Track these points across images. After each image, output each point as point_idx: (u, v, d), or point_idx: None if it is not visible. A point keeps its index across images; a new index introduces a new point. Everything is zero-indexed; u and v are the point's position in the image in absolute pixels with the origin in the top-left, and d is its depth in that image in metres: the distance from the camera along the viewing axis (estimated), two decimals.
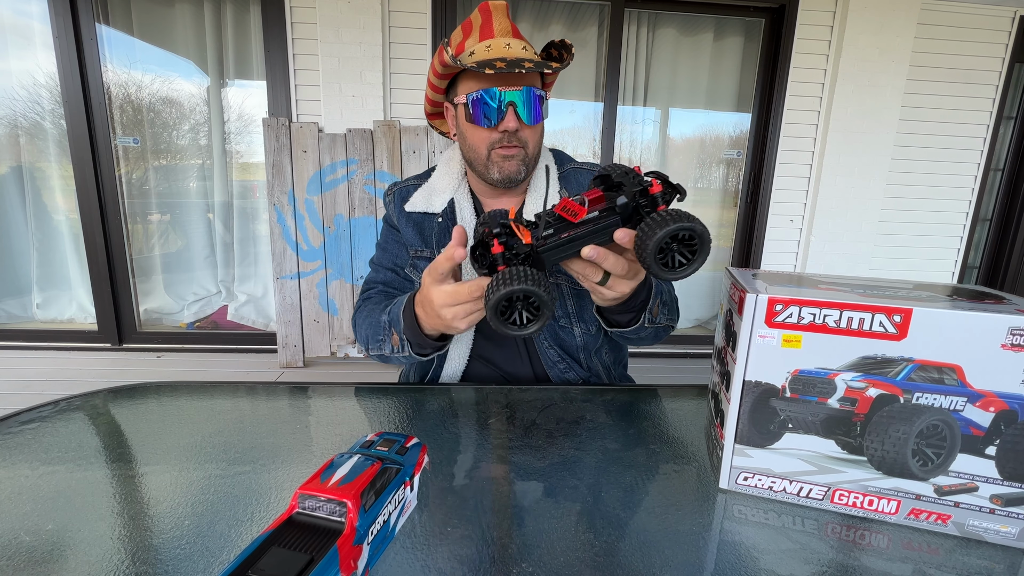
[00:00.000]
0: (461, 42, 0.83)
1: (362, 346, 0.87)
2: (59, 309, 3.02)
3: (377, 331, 0.81)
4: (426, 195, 0.93)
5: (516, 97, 0.78)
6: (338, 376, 2.71)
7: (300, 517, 0.39)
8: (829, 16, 2.78)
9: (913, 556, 0.46)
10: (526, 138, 0.83)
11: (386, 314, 0.80)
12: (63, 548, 0.43)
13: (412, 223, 0.93)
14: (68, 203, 2.87)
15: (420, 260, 0.93)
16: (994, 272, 3.33)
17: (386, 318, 0.80)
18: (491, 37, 0.80)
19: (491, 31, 0.81)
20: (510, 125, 0.79)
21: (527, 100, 0.79)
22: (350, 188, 2.64)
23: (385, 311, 0.81)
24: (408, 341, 0.76)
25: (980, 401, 0.45)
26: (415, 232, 0.93)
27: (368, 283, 0.97)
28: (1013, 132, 3.15)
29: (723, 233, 3.25)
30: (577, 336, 0.90)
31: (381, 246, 0.99)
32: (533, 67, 0.75)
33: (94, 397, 0.72)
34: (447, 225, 0.90)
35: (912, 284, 0.57)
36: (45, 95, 2.73)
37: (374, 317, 0.84)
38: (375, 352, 0.83)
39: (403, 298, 0.77)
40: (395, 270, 0.96)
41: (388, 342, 0.80)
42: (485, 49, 0.79)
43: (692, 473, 0.57)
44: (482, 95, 0.78)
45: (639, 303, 0.74)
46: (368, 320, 0.85)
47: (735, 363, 0.50)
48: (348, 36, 2.55)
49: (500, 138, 0.81)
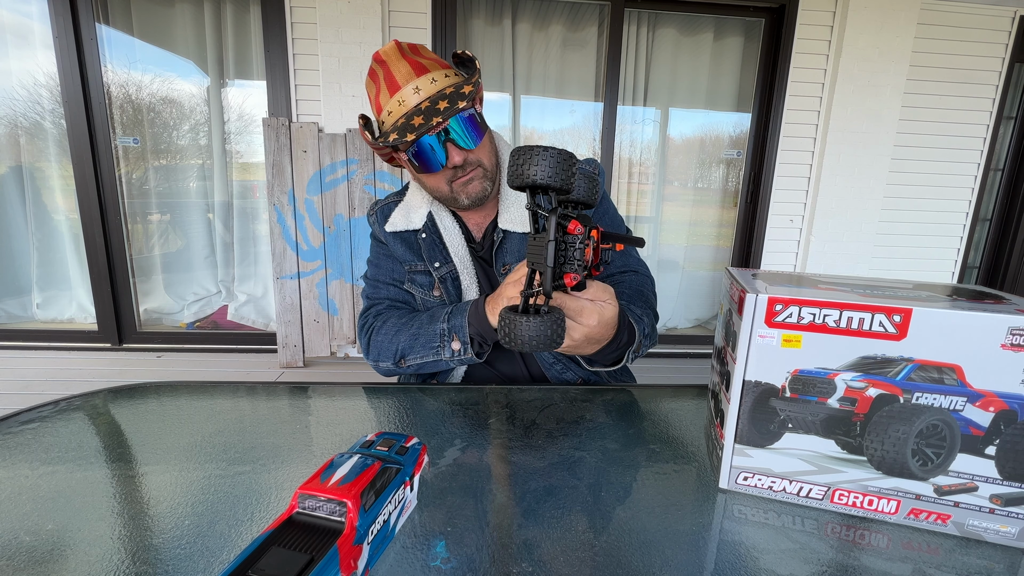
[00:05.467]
0: (376, 98, 0.82)
1: (387, 360, 0.88)
2: (59, 309, 3.02)
3: (431, 339, 0.83)
4: (404, 213, 0.94)
5: (450, 130, 0.78)
6: (338, 376, 2.71)
7: (300, 517, 0.39)
8: (829, 16, 2.78)
9: (913, 556, 0.46)
10: (478, 158, 0.83)
11: (443, 322, 0.82)
12: (63, 548, 0.43)
13: (399, 240, 0.94)
14: (68, 203, 2.87)
15: (416, 275, 0.94)
16: (994, 272, 3.33)
17: (445, 326, 0.82)
18: (397, 89, 0.78)
19: (395, 82, 0.78)
20: (456, 160, 0.80)
21: (461, 128, 0.79)
22: (350, 188, 2.64)
23: (436, 322, 0.83)
24: (476, 340, 0.80)
25: (980, 401, 0.45)
26: (404, 248, 0.93)
27: (372, 299, 0.97)
28: (1013, 132, 3.15)
29: (723, 233, 3.25)
30: None
31: (373, 263, 0.99)
32: (448, 107, 0.75)
33: (94, 397, 0.72)
34: (432, 239, 0.91)
35: (912, 284, 0.57)
36: (45, 95, 2.73)
37: (417, 329, 0.85)
38: (416, 361, 0.85)
39: (461, 306, 0.82)
40: (396, 284, 0.96)
41: (447, 347, 0.82)
42: (398, 104, 0.78)
43: (692, 473, 0.57)
44: (418, 148, 0.78)
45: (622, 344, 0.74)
46: (405, 332, 0.86)
47: (735, 363, 0.50)
48: (348, 36, 2.55)
49: (453, 173, 0.82)
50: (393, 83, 0.79)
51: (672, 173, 3.18)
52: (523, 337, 0.53)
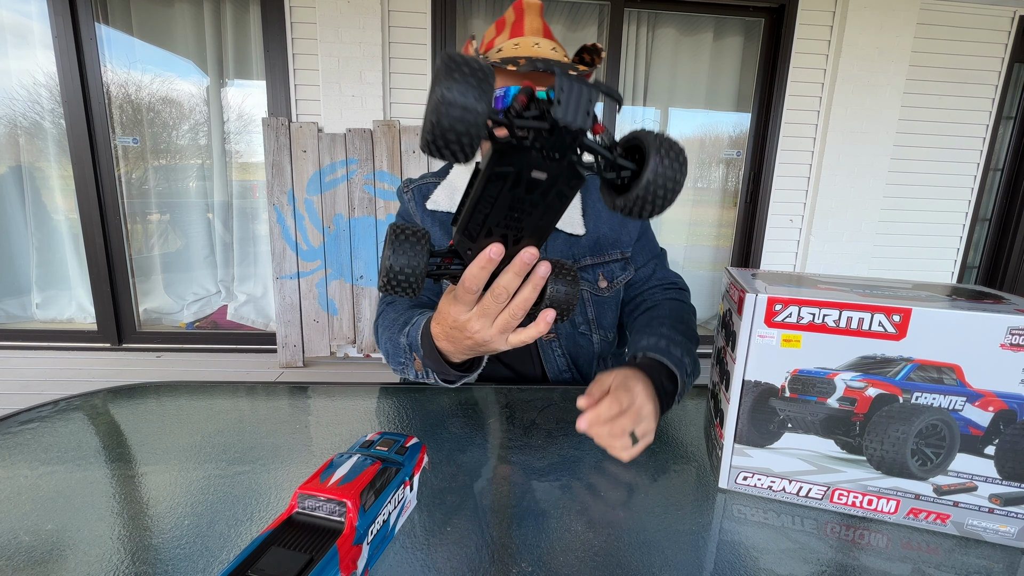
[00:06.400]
0: (492, 39, 0.81)
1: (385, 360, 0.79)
2: (58, 309, 3.02)
3: (397, 352, 0.72)
4: (448, 193, 0.89)
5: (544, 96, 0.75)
6: (338, 376, 2.71)
7: (300, 517, 0.39)
8: (829, 16, 2.78)
9: (912, 556, 0.46)
10: None
11: (404, 335, 0.70)
12: (63, 548, 0.43)
13: (436, 221, 0.88)
14: (67, 203, 2.86)
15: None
16: (993, 272, 3.33)
17: (404, 340, 0.70)
18: (520, 35, 0.78)
19: (521, 29, 0.79)
20: None
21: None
22: (350, 188, 2.64)
23: (403, 330, 0.71)
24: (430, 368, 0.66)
25: (979, 401, 0.45)
26: (441, 231, 0.89)
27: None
28: (1012, 132, 3.15)
29: (723, 233, 3.25)
30: (595, 343, 0.88)
31: None
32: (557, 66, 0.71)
33: (94, 397, 0.72)
34: None
35: (911, 284, 0.57)
36: (44, 95, 2.73)
37: (393, 333, 0.74)
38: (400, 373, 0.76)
39: (421, 319, 0.67)
40: None
41: (411, 367, 0.70)
42: (513, 47, 0.77)
43: (692, 473, 0.57)
44: (506, 91, 0.75)
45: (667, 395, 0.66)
46: (388, 334, 0.76)
47: (735, 363, 0.50)
48: (348, 36, 2.55)
49: None
50: (519, 29, 0.79)
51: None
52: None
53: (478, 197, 0.41)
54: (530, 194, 0.41)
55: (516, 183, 0.40)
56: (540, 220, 0.43)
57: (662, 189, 0.38)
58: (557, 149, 0.38)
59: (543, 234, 0.45)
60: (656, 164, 0.37)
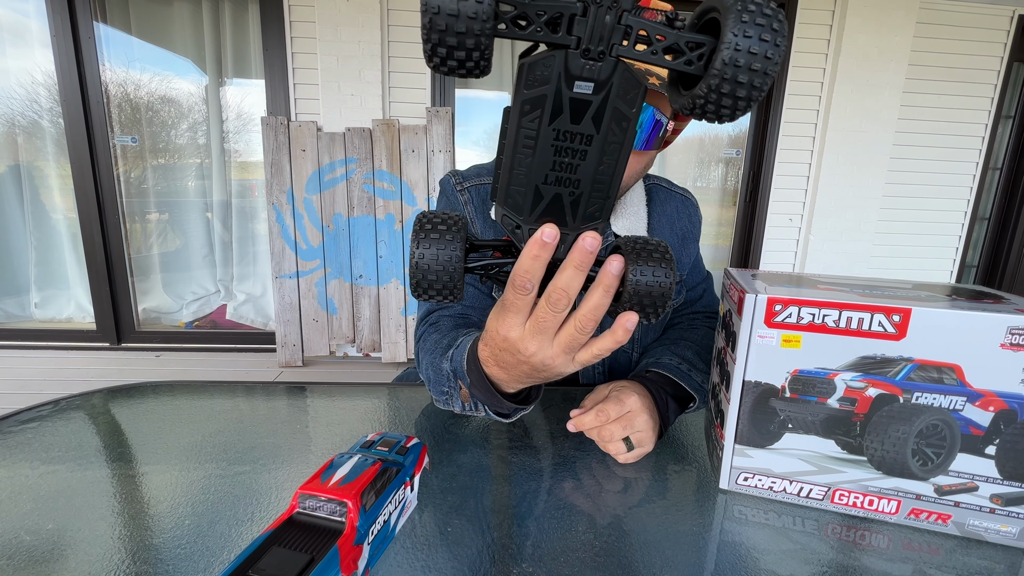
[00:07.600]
0: None
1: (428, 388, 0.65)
2: (57, 308, 3.01)
3: (440, 379, 0.59)
4: None
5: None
6: (337, 376, 2.71)
7: (300, 517, 0.39)
8: (828, 15, 2.78)
9: (913, 556, 0.46)
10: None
11: (447, 359, 0.58)
12: (63, 548, 0.43)
13: (499, 231, 0.75)
14: (66, 202, 2.86)
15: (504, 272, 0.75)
16: (992, 271, 3.34)
17: (448, 366, 0.57)
18: None
19: None
20: None
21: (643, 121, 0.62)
22: (349, 187, 2.64)
23: (446, 353, 0.59)
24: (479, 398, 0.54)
25: (979, 400, 0.45)
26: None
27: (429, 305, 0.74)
28: (1012, 131, 3.16)
29: (722, 232, 3.25)
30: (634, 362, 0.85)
31: None
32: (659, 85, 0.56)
33: (93, 397, 0.72)
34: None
35: (911, 284, 0.57)
36: (43, 94, 2.72)
37: (435, 357, 0.61)
38: (443, 406, 0.63)
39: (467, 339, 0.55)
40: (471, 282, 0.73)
41: (456, 397, 0.58)
42: None
43: (692, 473, 0.57)
44: None
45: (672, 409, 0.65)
46: (429, 358, 0.63)
47: (735, 363, 0.50)
48: (347, 35, 2.54)
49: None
50: None
51: (671, 172, 3.18)
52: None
53: (513, 143, 0.32)
54: (577, 123, 0.31)
55: (557, 109, 0.30)
56: (599, 165, 0.33)
57: (747, 69, 0.27)
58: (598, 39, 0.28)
59: (608, 191, 0.34)
60: (739, 31, 0.26)
